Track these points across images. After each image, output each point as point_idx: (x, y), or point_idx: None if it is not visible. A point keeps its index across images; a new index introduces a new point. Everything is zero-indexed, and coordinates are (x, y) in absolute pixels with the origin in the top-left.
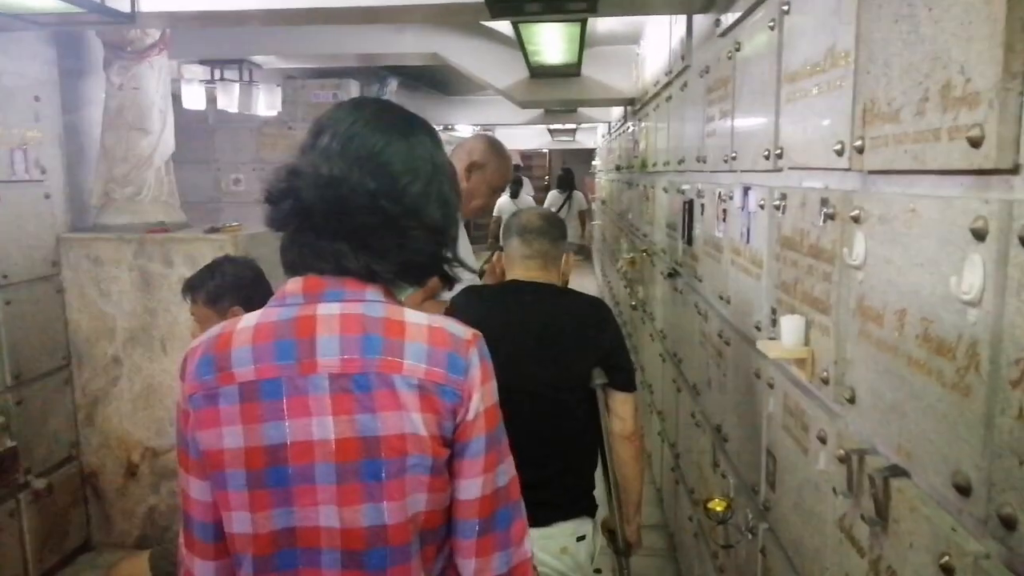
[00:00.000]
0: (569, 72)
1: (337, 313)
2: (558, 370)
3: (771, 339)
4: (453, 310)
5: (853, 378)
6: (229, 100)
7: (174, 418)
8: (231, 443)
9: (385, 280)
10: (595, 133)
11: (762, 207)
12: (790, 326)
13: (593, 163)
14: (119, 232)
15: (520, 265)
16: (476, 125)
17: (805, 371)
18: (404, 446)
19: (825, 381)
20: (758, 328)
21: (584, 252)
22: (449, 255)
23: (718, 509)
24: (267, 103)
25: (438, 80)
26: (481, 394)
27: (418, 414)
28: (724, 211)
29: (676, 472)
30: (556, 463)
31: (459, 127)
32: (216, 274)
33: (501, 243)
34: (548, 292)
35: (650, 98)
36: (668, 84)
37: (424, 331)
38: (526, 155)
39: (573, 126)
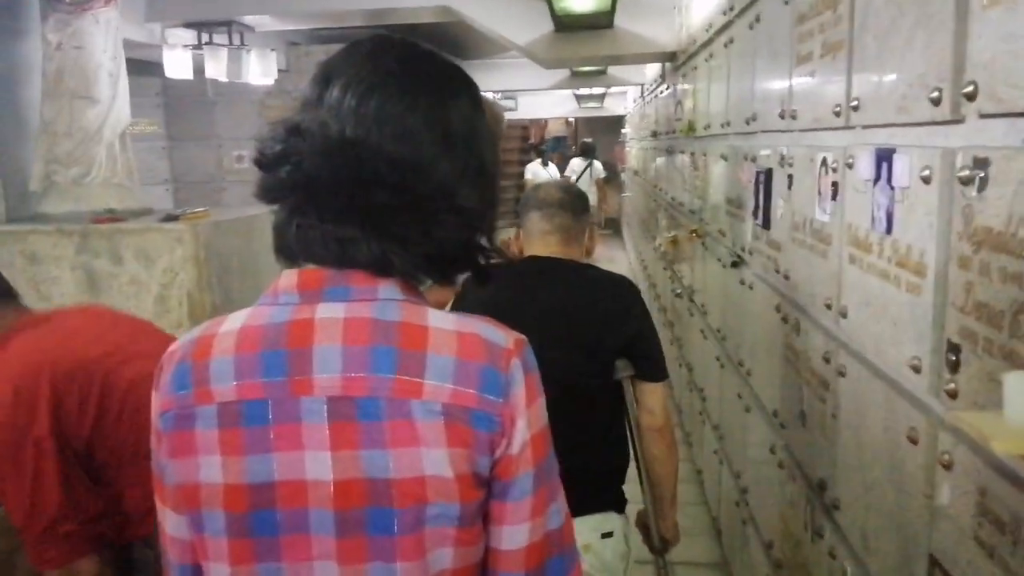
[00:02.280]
0: (600, 23)
1: (341, 317)
2: (578, 354)
3: (948, 389)
4: (463, 292)
5: None
6: (217, 67)
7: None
8: (208, 477)
9: (404, 273)
10: (624, 99)
11: (926, 181)
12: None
13: (623, 130)
14: (59, 222)
15: (540, 241)
16: (496, 92)
17: None
18: (423, 492)
19: None
20: (915, 369)
21: (613, 225)
22: (486, 243)
23: None
24: (261, 70)
25: (455, 42)
26: (527, 419)
27: (443, 450)
28: (834, 185)
29: (742, 509)
30: (576, 454)
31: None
32: None
33: (519, 220)
34: (568, 268)
35: (699, 48)
36: (727, 26)
37: (453, 339)
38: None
39: (602, 90)
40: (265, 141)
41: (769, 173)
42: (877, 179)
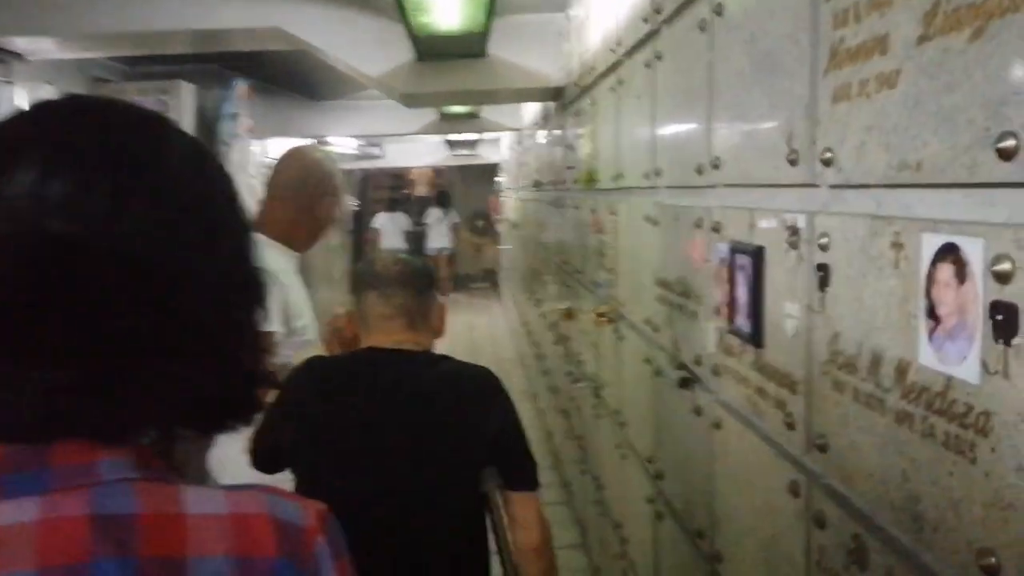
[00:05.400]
0: (472, 50)
1: (33, 520)
2: (436, 469)
3: None
4: (286, 394)
5: None
6: None
7: None
8: None
9: (147, 433)
10: (499, 146)
11: None
12: None
13: (497, 179)
14: None
15: (379, 328)
16: (357, 136)
17: None
18: None
19: None
20: None
21: (490, 277)
22: (257, 368)
23: None
24: None
25: (303, 80)
26: None
27: None
28: (999, 310)
29: None
30: None
31: (332, 139)
32: None
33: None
34: (417, 362)
35: (601, 75)
36: (650, 36)
37: (225, 527)
38: (424, 174)
39: (475, 136)
40: None
41: (758, 255)
42: None
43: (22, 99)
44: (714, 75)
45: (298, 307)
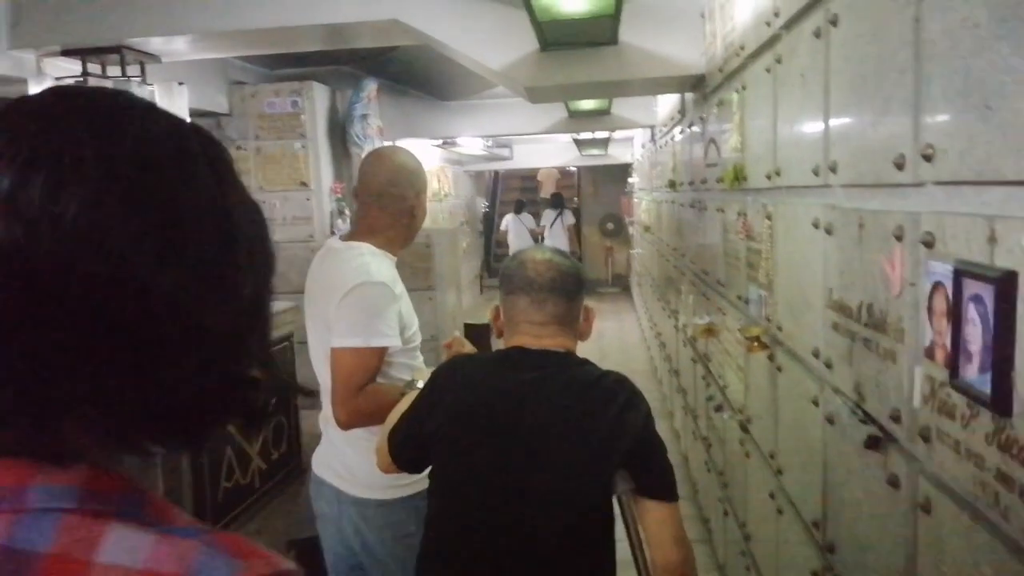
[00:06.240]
0: (601, 37)
1: None
2: (572, 468)
3: None
4: (432, 389)
5: None
6: None
7: None
8: None
9: (102, 453)
10: (631, 145)
11: None
12: None
13: (629, 180)
14: None
15: (528, 331)
16: (485, 136)
17: None
18: None
19: None
20: None
21: (621, 282)
22: (257, 373)
23: None
24: (168, 109)
25: (430, 80)
26: None
27: None
28: None
29: None
30: None
31: (462, 140)
32: None
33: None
34: (561, 363)
35: (754, 54)
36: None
37: None
38: (556, 176)
39: (605, 134)
40: None
41: (1007, 283)
42: None
43: (152, 96)
44: (922, 35)
45: (410, 316)
